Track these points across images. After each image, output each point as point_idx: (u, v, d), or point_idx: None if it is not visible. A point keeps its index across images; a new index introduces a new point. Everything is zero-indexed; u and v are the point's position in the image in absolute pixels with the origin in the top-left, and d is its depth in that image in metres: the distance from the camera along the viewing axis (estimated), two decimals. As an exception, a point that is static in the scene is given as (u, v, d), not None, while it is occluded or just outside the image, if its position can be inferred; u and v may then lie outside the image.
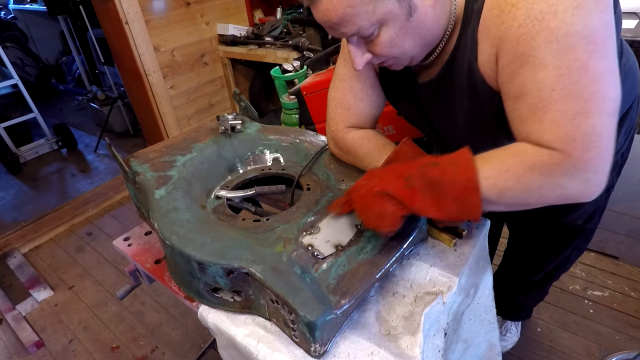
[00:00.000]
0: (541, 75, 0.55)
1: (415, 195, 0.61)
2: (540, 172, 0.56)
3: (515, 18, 0.56)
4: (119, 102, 3.35)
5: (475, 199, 0.58)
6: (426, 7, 0.62)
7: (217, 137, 1.00)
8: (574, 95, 0.54)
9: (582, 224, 1.02)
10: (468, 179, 0.58)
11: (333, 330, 0.63)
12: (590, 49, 0.53)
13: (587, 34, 0.52)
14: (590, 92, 0.53)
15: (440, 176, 0.59)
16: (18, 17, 4.63)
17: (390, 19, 0.61)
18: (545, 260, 1.17)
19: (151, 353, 1.68)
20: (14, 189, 2.97)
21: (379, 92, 0.89)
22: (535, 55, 0.55)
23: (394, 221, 0.63)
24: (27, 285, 2.04)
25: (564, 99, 0.54)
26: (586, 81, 0.53)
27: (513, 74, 0.58)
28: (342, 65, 0.87)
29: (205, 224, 0.76)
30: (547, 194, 0.58)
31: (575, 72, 0.53)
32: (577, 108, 0.54)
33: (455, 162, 0.60)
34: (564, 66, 0.53)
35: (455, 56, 0.70)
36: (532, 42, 0.54)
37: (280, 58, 2.38)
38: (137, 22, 2.28)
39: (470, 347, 0.93)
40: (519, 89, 0.58)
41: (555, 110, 0.55)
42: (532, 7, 0.54)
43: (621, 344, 1.49)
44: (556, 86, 0.54)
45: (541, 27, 0.53)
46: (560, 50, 0.53)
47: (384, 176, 0.65)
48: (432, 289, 0.71)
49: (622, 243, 1.80)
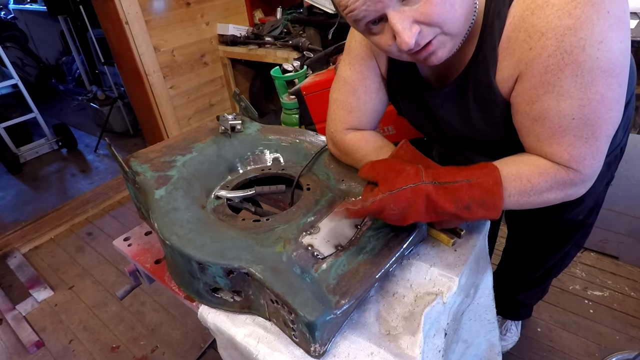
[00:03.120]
0: (564, 105, 0.60)
1: (460, 214, 0.66)
2: (558, 188, 0.67)
3: (545, 47, 0.58)
4: (119, 102, 3.35)
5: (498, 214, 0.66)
6: None
7: (217, 137, 1.00)
8: (590, 123, 0.61)
9: (582, 219, 1.03)
10: (491, 218, 0.67)
11: (333, 330, 0.63)
12: (609, 82, 0.58)
13: (608, 68, 0.57)
14: (603, 119, 0.61)
15: (468, 219, 0.67)
16: (18, 17, 4.63)
17: None
18: (545, 256, 1.17)
19: (151, 353, 1.68)
20: (14, 189, 2.97)
21: (382, 96, 0.88)
22: (561, 86, 0.59)
23: None
24: (27, 285, 2.04)
25: (580, 127, 0.61)
26: (602, 111, 0.60)
27: (535, 99, 0.63)
28: (346, 68, 0.87)
29: (205, 224, 0.76)
30: (555, 202, 0.69)
31: (594, 104, 0.59)
32: (589, 133, 0.62)
33: (486, 206, 0.65)
34: (586, 98, 0.59)
35: (470, 70, 0.70)
36: (560, 73, 0.58)
37: (280, 58, 2.38)
38: (137, 22, 2.28)
39: (471, 347, 0.93)
40: (539, 112, 0.63)
41: (573, 135, 0.62)
42: (562, 39, 0.56)
43: (621, 344, 1.49)
44: (576, 115, 0.61)
45: (570, 60, 0.57)
46: (584, 84, 0.58)
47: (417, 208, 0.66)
48: (432, 289, 0.71)
49: (622, 243, 1.80)
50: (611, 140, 0.87)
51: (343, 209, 0.72)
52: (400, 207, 0.64)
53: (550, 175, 0.66)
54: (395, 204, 0.64)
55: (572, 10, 0.55)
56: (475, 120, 0.76)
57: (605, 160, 0.91)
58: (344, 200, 0.82)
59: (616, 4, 0.56)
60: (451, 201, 0.64)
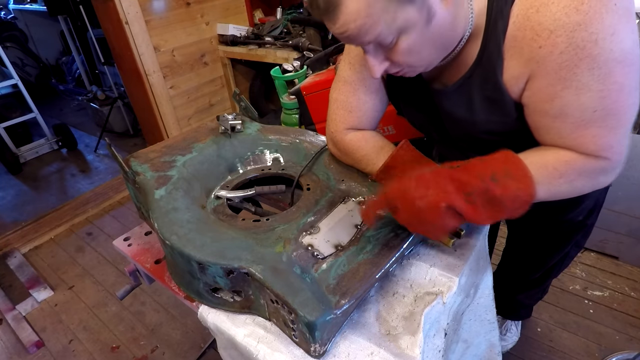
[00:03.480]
0: (584, 98, 0.60)
1: (477, 211, 0.63)
2: (588, 175, 0.66)
3: (555, 45, 0.58)
4: (119, 102, 3.35)
5: (526, 208, 0.63)
6: (444, 13, 0.62)
7: (217, 137, 1.00)
8: (612, 112, 0.61)
9: (582, 220, 1.03)
10: (529, 195, 0.62)
11: (333, 330, 0.63)
12: (626, 71, 0.59)
13: (623, 59, 0.58)
14: (625, 107, 0.61)
15: (503, 194, 0.61)
16: (18, 17, 4.63)
17: (409, 26, 0.60)
18: (545, 257, 1.17)
19: (151, 353, 1.68)
20: (14, 189, 2.97)
21: (382, 96, 0.88)
22: (578, 80, 0.59)
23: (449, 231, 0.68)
24: (27, 285, 2.04)
25: (604, 117, 0.61)
26: (622, 99, 0.60)
27: (554, 95, 0.62)
28: (346, 68, 0.87)
29: (205, 224, 0.76)
30: (587, 189, 0.68)
31: (614, 93, 0.59)
32: (614, 122, 0.62)
33: (514, 176, 0.62)
34: (606, 89, 0.59)
35: (475, 70, 0.70)
36: (576, 68, 0.59)
37: (280, 58, 2.38)
38: (137, 22, 2.28)
39: (471, 347, 0.93)
40: (559, 109, 0.63)
41: (597, 127, 0.62)
42: (573, 35, 0.56)
43: (621, 344, 1.49)
44: (598, 107, 0.60)
45: (584, 55, 0.57)
46: (602, 75, 0.58)
47: (445, 188, 0.62)
48: (432, 289, 0.71)
49: (622, 243, 1.80)
50: None
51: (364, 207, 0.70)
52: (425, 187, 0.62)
53: (578, 163, 0.65)
54: (419, 186, 0.63)
55: (579, 6, 0.55)
56: (480, 120, 0.76)
57: None
58: (343, 201, 0.81)
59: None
60: (475, 176, 0.62)
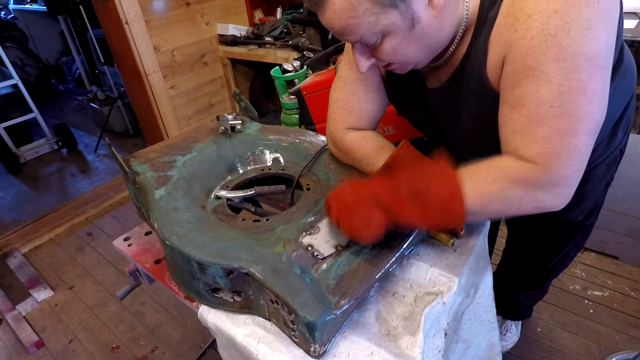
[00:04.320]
0: (543, 90, 0.57)
1: (403, 203, 0.62)
2: (521, 186, 0.61)
3: (529, 29, 0.57)
4: (119, 102, 3.35)
5: (459, 209, 0.62)
6: (430, 17, 0.62)
7: (217, 137, 1.00)
8: (568, 114, 0.57)
9: (582, 220, 1.03)
10: (452, 190, 0.61)
11: (333, 331, 0.63)
12: (592, 72, 0.55)
13: (592, 57, 0.55)
14: (583, 112, 0.57)
15: (426, 187, 0.62)
16: (18, 17, 4.62)
17: (392, 30, 0.61)
18: (545, 257, 1.17)
19: (151, 353, 1.68)
20: (14, 189, 2.97)
21: (382, 96, 0.88)
22: (541, 70, 0.57)
23: (378, 230, 0.63)
24: (27, 285, 2.04)
25: (558, 117, 0.57)
26: (582, 102, 0.56)
27: (515, 83, 0.60)
28: (346, 68, 0.87)
29: (205, 224, 0.76)
30: (525, 206, 0.63)
31: (575, 91, 0.56)
32: (568, 127, 0.57)
33: (440, 175, 0.63)
34: (566, 85, 0.56)
35: (465, 64, 0.70)
36: (542, 56, 0.56)
37: (280, 58, 2.38)
38: (137, 22, 2.28)
39: (471, 347, 0.93)
40: (518, 99, 0.60)
41: (549, 126, 0.58)
42: (547, 21, 0.55)
43: (621, 344, 1.49)
44: (554, 103, 0.57)
45: (553, 43, 0.55)
46: (566, 69, 0.55)
47: (371, 184, 0.66)
48: (432, 289, 0.71)
49: (622, 243, 1.80)
50: (610, 142, 0.86)
51: None
52: (356, 185, 0.67)
53: (511, 169, 0.61)
54: (351, 185, 0.67)
55: None
56: (473, 117, 0.75)
57: (605, 162, 0.91)
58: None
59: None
60: (401, 176, 0.64)
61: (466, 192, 0.62)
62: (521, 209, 0.63)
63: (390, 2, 0.58)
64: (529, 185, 0.61)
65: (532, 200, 0.62)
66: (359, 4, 0.58)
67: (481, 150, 0.85)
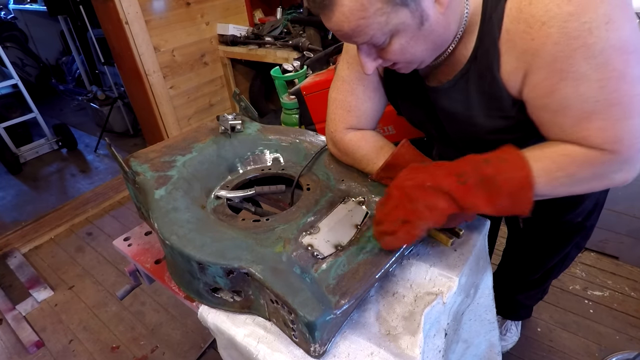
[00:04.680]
0: (583, 88, 0.58)
1: (470, 191, 0.62)
2: (592, 168, 0.62)
3: (548, 36, 0.57)
4: (119, 102, 3.35)
5: (529, 195, 0.61)
6: (437, 14, 0.62)
7: (217, 137, 1.00)
8: (615, 102, 0.58)
9: (581, 221, 1.03)
10: (524, 176, 0.61)
11: (333, 331, 0.63)
12: (625, 59, 0.56)
13: (621, 46, 0.56)
14: (629, 96, 0.58)
15: (495, 173, 0.61)
16: (18, 17, 4.62)
17: (402, 29, 0.61)
18: (545, 258, 1.17)
19: (151, 353, 1.68)
20: (14, 189, 2.97)
21: (381, 95, 0.88)
22: (575, 71, 0.57)
23: (441, 217, 0.64)
24: (27, 285, 2.04)
25: (607, 108, 0.58)
26: (625, 88, 0.57)
27: (552, 89, 0.61)
28: (345, 67, 0.87)
29: (205, 224, 0.76)
30: (596, 185, 0.65)
31: (614, 81, 0.57)
32: (619, 113, 0.58)
33: (507, 160, 0.62)
34: (604, 78, 0.57)
35: (472, 65, 0.70)
36: (571, 59, 0.57)
37: (280, 58, 2.38)
38: (137, 22, 2.28)
39: (471, 347, 0.93)
40: (559, 103, 0.61)
41: (600, 119, 0.59)
42: (565, 25, 0.55)
43: (621, 344, 1.49)
44: (599, 97, 0.58)
45: (578, 44, 0.56)
46: (599, 64, 0.56)
47: (434, 172, 0.64)
48: (432, 289, 0.71)
49: (622, 243, 1.80)
50: None
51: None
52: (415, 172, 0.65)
53: (580, 156, 0.62)
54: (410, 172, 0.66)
55: None
56: (478, 116, 0.75)
57: None
58: (343, 201, 0.81)
59: None
60: (466, 161, 0.63)
61: (535, 176, 0.61)
62: (592, 187, 0.65)
63: (402, 1, 0.57)
64: (600, 168, 0.62)
65: (602, 179, 0.64)
66: (370, 4, 0.57)
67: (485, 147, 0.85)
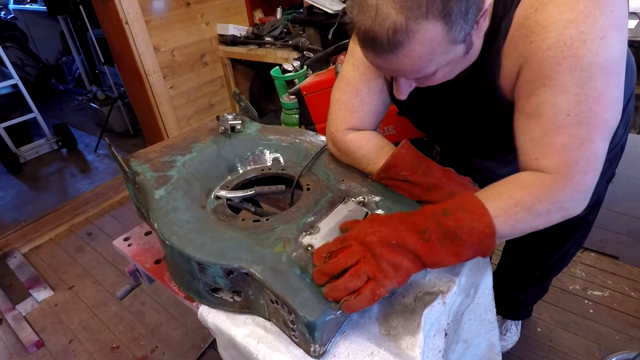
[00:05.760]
0: (559, 99, 0.58)
1: (434, 248, 0.60)
2: (546, 199, 0.61)
3: (544, 40, 0.57)
4: (119, 102, 3.35)
5: (492, 241, 0.61)
6: (477, 41, 0.62)
7: (217, 137, 1.00)
8: (585, 122, 0.58)
9: (584, 216, 1.03)
10: (485, 225, 0.60)
11: (333, 331, 0.63)
12: (606, 80, 0.56)
13: (607, 65, 0.56)
14: (599, 120, 0.58)
15: (457, 226, 0.60)
16: (18, 17, 4.63)
17: (452, 60, 0.61)
18: (546, 254, 1.18)
19: (151, 353, 1.68)
20: (14, 189, 2.97)
21: (385, 97, 0.88)
22: (557, 79, 0.57)
23: (405, 277, 0.61)
24: (27, 285, 2.04)
25: (575, 125, 0.58)
26: (598, 110, 0.57)
27: (532, 92, 0.61)
28: (350, 69, 0.86)
29: (205, 224, 0.76)
30: (553, 217, 0.63)
31: (591, 100, 0.57)
32: (585, 134, 0.58)
33: (466, 209, 0.61)
34: (583, 94, 0.57)
35: (476, 70, 0.70)
36: (558, 66, 0.57)
37: (280, 58, 2.38)
38: (137, 22, 2.28)
39: (470, 347, 0.93)
40: (534, 107, 0.61)
41: (567, 134, 0.59)
42: (562, 31, 0.56)
43: (621, 344, 1.49)
44: (571, 112, 0.58)
45: (569, 53, 0.56)
46: (583, 78, 0.56)
47: (397, 227, 0.62)
48: (432, 289, 0.71)
49: (622, 243, 1.80)
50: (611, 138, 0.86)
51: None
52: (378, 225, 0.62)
53: (532, 185, 0.61)
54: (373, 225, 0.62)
55: (574, 5, 0.55)
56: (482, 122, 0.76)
57: (606, 157, 0.91)
58: (342, 201, 0.81)
59: (619, 5, 0.56)
60: (426, 215, 0.61)
61: (494, 216, 0.60)
62: (550, 220, 0.64)
63: (462, 38, 0.57)
64: (553, 197, 0.61)
65: (559, 210, 0.63)
66: (438, 46, 0.56)
67: (487, 152, 0.85)
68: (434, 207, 0.63)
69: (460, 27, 0.55)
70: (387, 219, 0.64)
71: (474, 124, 0.78)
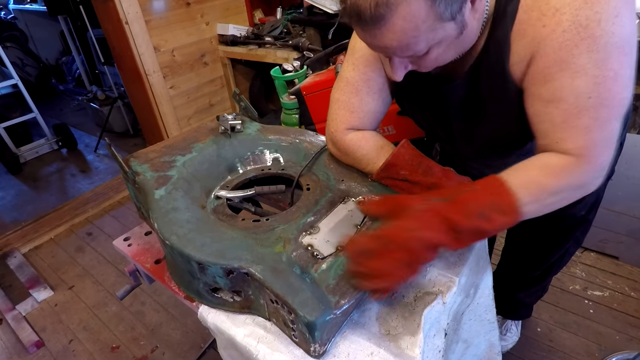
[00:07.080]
0: (578, 82, 0.58)
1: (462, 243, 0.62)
2: (573, 182, 0.63)
3: (559, 23, 0.57)
4: (119, 102, 3.35)
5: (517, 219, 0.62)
6: (472, 21, 0.62)
7: (217, 137, 1.00)
8: (605, 103, 0.58)
9: (584, 215, 1.04)
10: (514, 223, 0.62)
11: (333, 330, 0.63)
12: (622, 60, 0.57)
13: (622, 44, 0.56)
14: (617, 99, 0.59)
15: (492, 229, 0.61)
16: (18, 17, 4.62)
17: (444, 39, 0.61)
18: (546, 253, 1.18)
19: (151, 353, 1.68)
20: (14, 189, 2.97)
21: (386, 96, 0.88)
22: (575, 62, 0.57)
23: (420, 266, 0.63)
24: (27, 285, 2.04)
25: (596, 107, 0.58)
26: (616, 90, 0.58)
27: (549, 78, 0.60)
28: (350, 69, 0.86)
29: (205, 224, 0.76)
30: (575, 195, 0.66)
31: (609, 81, 0.57)
32: (605, 115, 0.59)
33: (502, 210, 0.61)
34: (601, 75, 0.57)
35: (483, 58, 0.69)
36: (575, 49, 0.57)
37: (280, 58, 2.38)
38: (137, 22, 2.28)
39: (470, 347, 0.93)
40: (553, 93, 0.61)
41: (588, 117, 0.59)
42: (577, 12, 0.55)
43: (621, 344, 1.49)
44: (592, 94, 0.58)
45: (586, 35, 0.56)
46: (599, 60, 0.56)
47: (437, 228, 0.60)
48: (432, 289, 0.71)
49: (622, 243, 1.80)
50: None
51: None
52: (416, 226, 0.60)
53: (562, 172, 0.62)
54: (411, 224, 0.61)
55: None
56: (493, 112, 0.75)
57: None
58: (342, 201, 0.81)
59: None
60: (465, 215, 0.60)
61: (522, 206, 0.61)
62: (572, 198, 0.66)
63: (451, 15, 0.57)
64: (578, 179, 0.63)
65: (580, 188, 0.65)
66: (422, 22, 0.56)
67: (492, 151, 0.85)
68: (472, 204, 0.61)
69: (445, 2, 0.55)
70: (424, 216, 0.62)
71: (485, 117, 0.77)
